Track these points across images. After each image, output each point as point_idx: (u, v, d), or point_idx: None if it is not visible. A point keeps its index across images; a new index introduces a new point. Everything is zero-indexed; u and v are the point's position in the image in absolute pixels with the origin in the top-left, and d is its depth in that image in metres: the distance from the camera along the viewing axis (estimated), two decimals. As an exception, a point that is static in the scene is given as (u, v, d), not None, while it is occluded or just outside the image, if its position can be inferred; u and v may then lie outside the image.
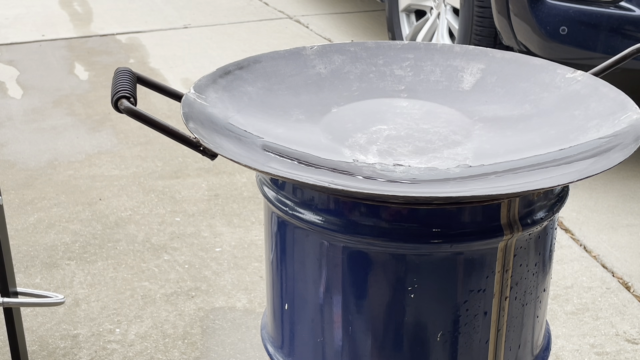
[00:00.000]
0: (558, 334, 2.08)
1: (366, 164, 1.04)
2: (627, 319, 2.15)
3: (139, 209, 2.72)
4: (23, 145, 3.23)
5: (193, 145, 0.99)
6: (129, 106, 1.01)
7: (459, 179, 1.00)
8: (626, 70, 2.66)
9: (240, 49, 4.41)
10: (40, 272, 2.35)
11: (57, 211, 2.70)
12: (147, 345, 2.05)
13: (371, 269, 1.02)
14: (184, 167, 3.03)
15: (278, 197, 1.06)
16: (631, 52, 1.25)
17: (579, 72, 1.19)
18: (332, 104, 1.21)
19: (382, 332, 1.05)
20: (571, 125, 1.11)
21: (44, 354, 2.01)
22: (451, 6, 3.71)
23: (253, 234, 2.56)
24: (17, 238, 2.51)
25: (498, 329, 1.06)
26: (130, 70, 1.10)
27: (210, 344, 2.05)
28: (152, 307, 2.19)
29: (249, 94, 1.19)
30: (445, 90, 1.24)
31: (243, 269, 2.37)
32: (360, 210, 0.99)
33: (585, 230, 2.57)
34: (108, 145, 3.23)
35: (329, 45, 1.31)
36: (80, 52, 4.45)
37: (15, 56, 4.37)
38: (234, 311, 2.18)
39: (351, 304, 1.04)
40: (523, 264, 1.05)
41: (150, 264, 2.40)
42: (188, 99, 1.09)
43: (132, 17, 5.13)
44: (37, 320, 2.13)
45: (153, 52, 4.44)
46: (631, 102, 1.12)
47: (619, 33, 3.09)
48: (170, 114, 3.30)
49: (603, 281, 2.31)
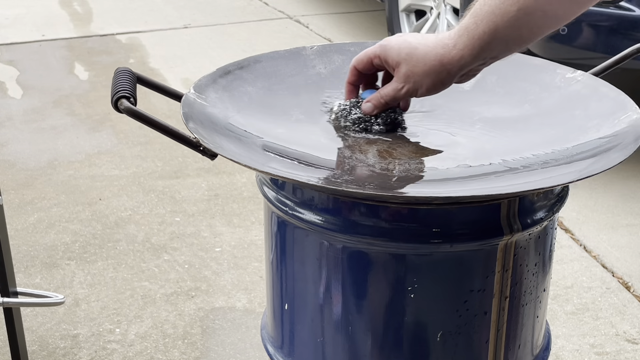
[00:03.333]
0: (558, 334, 2.08)
1: (366, 164, 1.04)
2: (627, 319, 2.15)
3: (139, 209, 2.72)
4: (23, 145, 3.23)
5: (193, 145, 0.99)
6: (129, 106, 1.00)
7: (459, 179, 1.00)
8: (626, 70, 2.66)
9: (240, 49, 4.41)
10: (40, 272, 2.35)
11: (57, 211, 2.70)
12: (147, 345, 2.05)
13: (371, 269, 1.02)
14: (184, 167, 3.03)
15: (278, 197, 1.06)
16: (631, 52, 1.25)
17: (579, 72, 1.19)
18: (332, 104, 1.21)
19: (382, 332, 1.05)
20: (571, 125, 1.10)
21: (44, 354, 2.01)
22: (451, 6, 3.71)
23: (253, 234, 2.56)
24: (17, 238, 2.51)
25: (498, 329, 1.06)
26: (130, 70, 1.10)
27: (210, 344, 2.06)
28: (152, 307, 2.19)
29: (249, 94, 1.19)
30: (445, 90, 1.24)
31: (243, 269, 2.37)
32: (360, 210, 0.99)
33: (585, 230, 2.57)
34: (108, 145, 3.23)
35: (329, 45, 1.31)
36: (80, 52, 4.45)
37: (15, 56, 4.37)
38: (234, 311, 2.18)
39: (351, 304, 1.04)
40: (523, 264, 1.05)
41: (150, 264, 2.40)
42: (188, 99, 1.09)
43: (132, 17, 5.12)
44: (37, 320, 2.13)
45: (153, 52, 4.44)
46: (631, 102, 1.12)
47: (619, 33, 3.09)
48: (170, 114, 3.30)
49: (603, 281, 2.31)
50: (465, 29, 1.00)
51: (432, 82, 1.04)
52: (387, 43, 1.08)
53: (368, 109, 1.11)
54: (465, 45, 1.00)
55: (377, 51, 1.08)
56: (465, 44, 1.00)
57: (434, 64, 1.02)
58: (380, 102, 1.10)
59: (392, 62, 1.07)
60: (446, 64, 1.02)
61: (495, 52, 1.01)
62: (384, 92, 1.10)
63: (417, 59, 1.03)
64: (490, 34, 0.98)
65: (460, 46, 1.00)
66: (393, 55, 1.06)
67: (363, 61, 1.11)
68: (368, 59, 1.10)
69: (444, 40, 1.02)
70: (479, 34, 0.98)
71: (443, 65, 1.02)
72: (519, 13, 0.96)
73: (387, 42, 1.08)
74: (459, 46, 1.00)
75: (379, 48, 1.08)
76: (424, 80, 1.04)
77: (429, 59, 1.03)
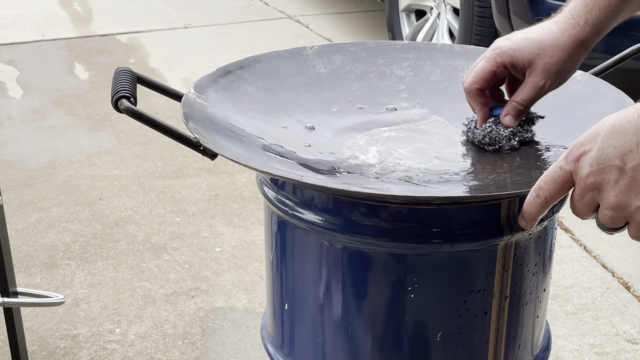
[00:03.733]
0: (558, 334, 2.08)
1: (366, 164, 1.04)
2: (627, 319, 2.15)
3: (139, 209, 2.72)
4: (23, 145, 3.23)
5: (193, 145, 0.99)
6: (129, 106, 1.00)
7: (459, 179, 1.01)
8: (626, 70, 2.66)
9: (240, 49, 4.41)
10: (40, 272, 2.35)
11: (57, 211, 2.70)
12: (147, 345, 2.05)
13: (371, 269, 1.02)
14: (184, 167, 3.03)
15: (278, 197, 1.06)
16: (631, 52, 1.25)
17: (579, 72, 1.19)
18: (332, 104, 1.21)
19: (382, 332, 1.05)
20: (571, 125, 1.10)
21: (44, 354, 2.01)
22: (451, 6, 3.71)
23: (253, 234, 2.56)
24: (17, 238, 2.51)
25: (498, 329, 1.06)
26: (130, 70, 1.10)
27: (210, 344, 2.06)
28: (152, 307, 2.19)
29: (249, 94, 1.19)
30: (446, 90, 1.24)
31: (243, 269, 2.37)
32: (360, 210, 0.99)
33: (585, 230, 2.57)
34: (108, 145, 3.23)
35: (329, 45, 1.31)
36: (80, 52, 4.45)
37: (15, 56, 4.37)
38: (234, 311, 2.18)
39: (351, 304, 1.04)
40: (523, 264, 1.05)
41: (150, 264, 2.40)
42: (188, 99, 1.09)
43: (132, 17, 5.12)
44: (37, 320, 2.13)
45: (153, 52, 4.44)
46: (631, 102, 1.12)
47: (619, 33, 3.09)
48: (170, 114, 3.30)
49: (603, 281, 2.31)
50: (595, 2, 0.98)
51: (573, 66, 1.02)
52: (505, 47, 1.02)
53: (510, 122, 1.05)
54: (599, 19, 0.98)
55: (498, 60, 1.02)
56: (598, 18, 0.98)
57: (571, 46, 1.00)
58: (520, 110, 1.04)
59: (523, 62, 1.01)
60: (585, 43, 1.00)
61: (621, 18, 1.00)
62: (521, 97, 1.03)
63: (552, 48, 1.00)
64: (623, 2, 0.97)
65: (592, 21, 0.99)
66: (523, 55, 1.01)
67: (485, 79, 1.04)
68: (490, 73, 1.03)
69: (568, 21, 1.00)
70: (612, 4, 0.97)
71: (582, 45, 1.00)
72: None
73: (504, 46, 1.03)
74: (591, 21, 0.99)
75: (499, 56, 1.02)
76: (563, 66, 1.01)
77: (565, 43, 1.00)
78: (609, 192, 0.77)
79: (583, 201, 0.80)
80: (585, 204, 0.80)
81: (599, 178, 0.76)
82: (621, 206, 0.77)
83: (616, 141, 0.75)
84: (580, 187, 0.79)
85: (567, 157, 0.79)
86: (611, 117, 0.76)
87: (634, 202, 0.76)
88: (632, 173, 0.74)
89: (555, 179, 0.81)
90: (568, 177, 0.80)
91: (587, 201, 0.80)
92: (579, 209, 0.81)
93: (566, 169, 0.79)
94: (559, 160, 0.81)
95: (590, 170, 0.77)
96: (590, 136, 0.77)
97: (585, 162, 0.77)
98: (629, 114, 0.75)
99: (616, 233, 0.81)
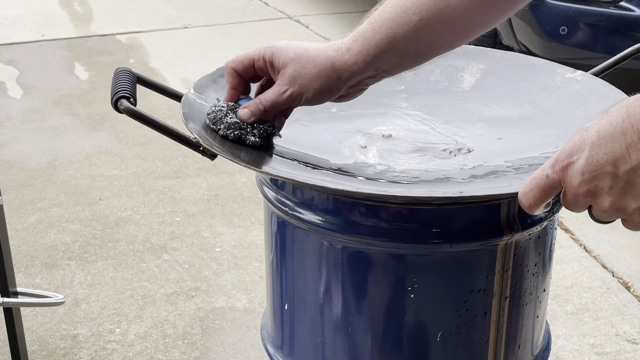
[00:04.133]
0: (558, 334, 2.08)
1: (366, 164, 1.04)
2: (627, 319, 2.15)
3: (139, 209, 2.72)
4: (23, 145, 3.23)
5: (193, 145, 0.99)
6: (128, 106, 1.00)
7: (459, 179, 1.01)
8: (626, 70, 2.66)
9: (240, 49, 4.40)
10: (40, 272, 2.35)
11: (57, 211, 2.70)
12: (147, 345, 2.05)
13: (371, 269, 1.02)
14: (184, 167, 3.03)
15: (278, 197, 1.06)
16: (631, 52, 1.25)
17: (579, 72, 1.19)
18: (332, 104, 1.21)
19: (382, 332, 1.05)
20: (571, 125, 1.10)
21: (44, 354, 2.01)
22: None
23: (253, 234, 2.56)
24: (17, 238, 2.51)
25: (498, 329, 1.06)
26: (130, 71, 1.10)
27: (210, 344, 2.06)
28: (152, 307, 2.19)
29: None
30: (445, 90, 1.24)
31: (243, 269, 2.37)
32: (360, 211, 0.99)
33: (585, 230, 2.57)
34: (108, 145, 3.23)
35: (328, 45, 1.31)
36: (80, 52, 4.45)
37: (15, 56, 4.37)
38: (234, 311, 2.18)
39: (351, 304, 1.04)
40: (523, 264, 1.05)
41: (150, 264, 2.40)
42: (188, 99, 1.09)
43: (132, 17, 5.13)
44: (37, 320, 2.13)
45: (153, 52, 4.44)
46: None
47: (619, 33, 3.09)
48: (170, 114, 3.30)
49: (603, 281, 2.31)
50: (362, 34, 0.95)
51: (320, 87, 0.97)
52: (275, 44, 1.00)
53: (244, 115, 1.01)
54: (360, 51, 0.95)
55: (262, 52, 1.00)
56: (359, 50, 0.95)
57: (325, 66, 0.96)
58: (259, 109, 1.00)
59: (279, 63, 0.99)
60: (338, 68, 0.96)
61: (388, 65, 0.97)
62: (264, 96, 1.00)
63: (307, 60, 0.97)
64: (388, 42, 0.94)
65: (354, 51, 0.95)
66: (280, 56, 0.98)
67: (243, 62, 1.02)
68: (249, 60, 1.01)
69: (337, 44, 0.97)
70: (376, 41, 0.94)
71: (334, 69, 0.96)
72: (420, 24, 0.92)
73: (274, 43, 1.00)
74: (353, 51, 0.95)
75: (264, 48, 1.00)
76: (311, 83, 0.97)
77: (320, 60, 0.96)
78: (603, 198, 0.77)
79: (576, 204, 0.80)
80: (578, 206, 0.81)
81: (591, 186, 0.76)
82: (618, 209, 0.77)
83: (604, 147, 0.74)
84: (573, 194, 0.79)
85: (553, 166, 0.79)
86: (594, 124, 0.76)
87: (631, 205, 0.76)
88: (627, 177, 0.74)
89: (541, 186, 0.81)
90: (555, 184, 0.80)
91: (580, 204, 0.80)
92: (572, 209, 0.82)
93: (553, 177, 0.79)
94: (544, 167, 0.80)
95: (582, 179, 0.77)
96: (577, 145, 0.77)
97: (574, 171, 0.77)
98: (612, 119, 0.74)
99: (609, 224, 0.82)
